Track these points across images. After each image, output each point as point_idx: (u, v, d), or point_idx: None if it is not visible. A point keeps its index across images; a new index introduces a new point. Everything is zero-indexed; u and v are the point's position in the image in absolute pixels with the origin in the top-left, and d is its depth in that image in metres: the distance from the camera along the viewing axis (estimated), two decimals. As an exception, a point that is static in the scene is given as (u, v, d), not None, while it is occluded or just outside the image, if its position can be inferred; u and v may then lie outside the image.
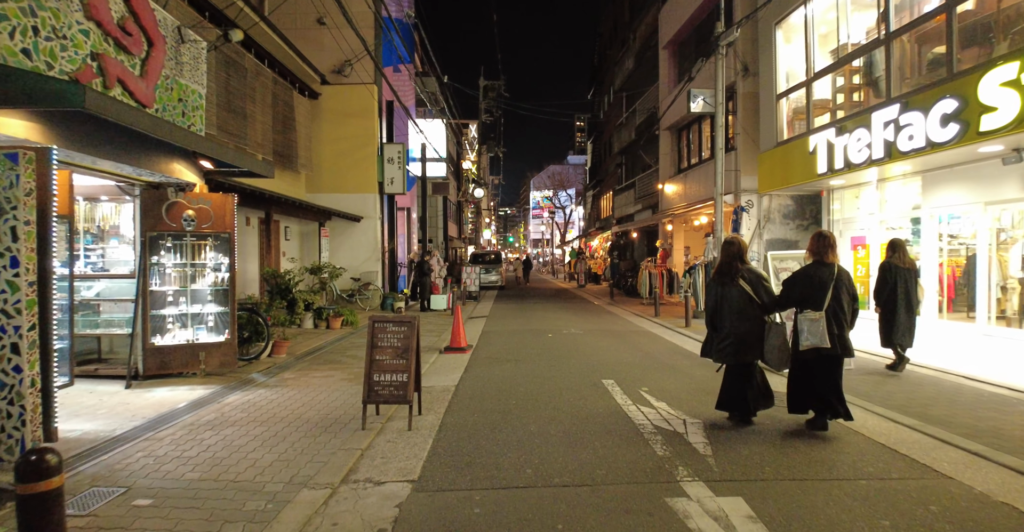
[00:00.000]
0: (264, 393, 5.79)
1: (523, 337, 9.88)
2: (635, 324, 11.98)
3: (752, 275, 4.61)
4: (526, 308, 15.66)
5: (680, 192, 17.66)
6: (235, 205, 6.47)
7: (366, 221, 14.03)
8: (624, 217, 25.44)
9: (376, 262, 14.02)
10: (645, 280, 16.30)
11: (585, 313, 14.23)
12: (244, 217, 11.17)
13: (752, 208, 13.75)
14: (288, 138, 12.60)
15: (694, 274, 12.84)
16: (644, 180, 22.03)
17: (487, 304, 16.90)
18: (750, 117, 13.66)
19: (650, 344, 9.21)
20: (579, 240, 38.70)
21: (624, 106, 26.35)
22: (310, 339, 9.26)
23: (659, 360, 7.69)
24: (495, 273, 24.12)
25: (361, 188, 14.05)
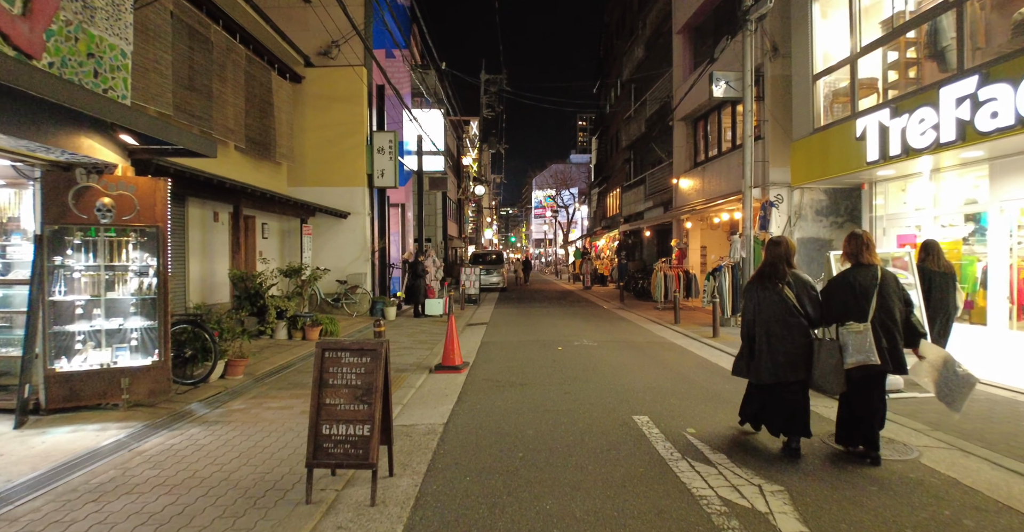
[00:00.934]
0: (196, 434, 4.45)
1: (529, 350, 8.53)
2: (654, 333, 10.62)
3: (798, 281, 4.02)
4: (530, 313, 14.31)
5: (697, 187, 16.29)
6: (168, 192, 5.13)
7: (353, 217, 12.69)
8: (633, 215, 24.08)
9: (365, 263, 12.68)
10: (660, 283, 14.95)
11: (596, 319, 12.88)
12: (212, 211, 9.85)
13: (781, 203, 12.39)
14: (265, 124, 11.27)
15: (719, 277, 11.48)
16: (655, 175, 20.67)
17: (488, 308, 15.55)
18: (780, 103, 12.30)
19: (678, 360, 7.85)
20: (584, 240, 37.33)
21: (633, 98, 24.99)
22: (279, 353, 7.92)
23: (695, 383, 6.33)
24: (497, 274, 22.78)
25: (348, 181, 12.72)
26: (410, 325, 11.49)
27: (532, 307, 16.13)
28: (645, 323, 12.23)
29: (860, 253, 3.94)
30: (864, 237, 3.99)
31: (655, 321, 12.38)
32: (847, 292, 3.87)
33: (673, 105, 17.77)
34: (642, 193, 22.17)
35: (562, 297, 20.29)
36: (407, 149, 17.49)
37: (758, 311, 4.08)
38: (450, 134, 30.65)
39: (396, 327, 11.15)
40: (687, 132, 17.61)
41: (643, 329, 11.22)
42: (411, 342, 9.17)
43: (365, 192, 12.69)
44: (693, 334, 10.32)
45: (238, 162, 10.67)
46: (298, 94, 12.77)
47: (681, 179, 17.52)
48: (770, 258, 4.11)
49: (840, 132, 9.95)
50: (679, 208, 17.14)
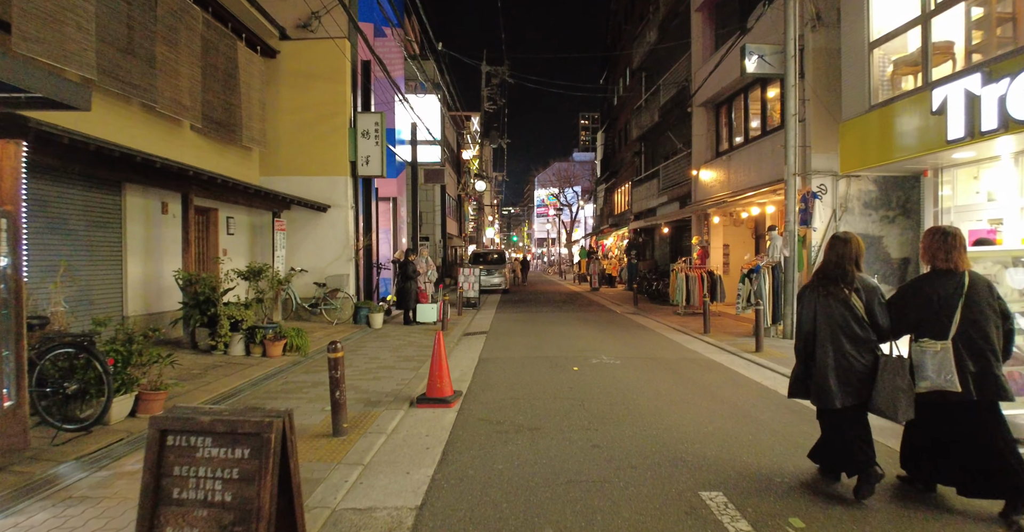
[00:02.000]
0: (37, 527, 2.87)
1: (537, 370, 6.94)
2: (684, 346, 9.01)
3: (866, 286, 3.45)
4: (536, 319, 12.71)
5: (721, 179, 14.68)
6: (21, 161, 3.54)
7: (334, 211, 11.11)
8: (644, 212, 22.47)
9: (347, 263, 11.09)
10: (680, 285, 13.35)
11: (611, 327, 11.27)
12: (159, 202, 8.28)
13: (825, 194, 10.78)
14: (230, 102, 9.69)
15: (758, 279, 9.87)
16: (671, 167, 19.06)
17: (488, 313, 13.96)
18: (823, 80, 10.69)
19: (726, 386, 6.25)
20: (590, 238, 35.73)
21: (644, 86, 23.38)
22: (226, 376, 6.34)
23: (764, 425, 4.74)
24: (498, 275, 21.18)
25: (328, 169, 11.13)
26: (397, 335, 9.90)
27: (537, 312, 14.53)
28: (669, 332, 10.62)
29: (945, 256, 3.26)
30: (954, 235, 3.29)
31: (679, 329, 10.78)
32: (923, 304, 3.28)
33: (692, 90, 16.17)
34: (655, 187, 20.56)
35: (569, 300, 18.68)
36: (400, 138, 15.92)
37: (819, 322, 3.45)
38: (449, 128, 29.06)
39: (380, 338, 9.57)
40: (708, 119, 16.00)
41: (669, 340, 9.61)
42: (394, 359, 7.59)
43: (348, 182, 11.11)
44: (730, 347, 8.72)
45: (195, 145, 9.10)
46: (272, 71, 11.19)
47: (702, 170, 15.90)
48: (835, 258, 3.50)
49: (907, 107, 8.35)
50: (700, 202, 15.53)
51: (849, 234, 3.58)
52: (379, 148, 11.04)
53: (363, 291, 11.42)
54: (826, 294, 3.45)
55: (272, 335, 7.56)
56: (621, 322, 12.24)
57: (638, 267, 22.21)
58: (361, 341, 9.16)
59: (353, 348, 8.46)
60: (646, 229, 23.40)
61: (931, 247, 3.35)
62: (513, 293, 21.72)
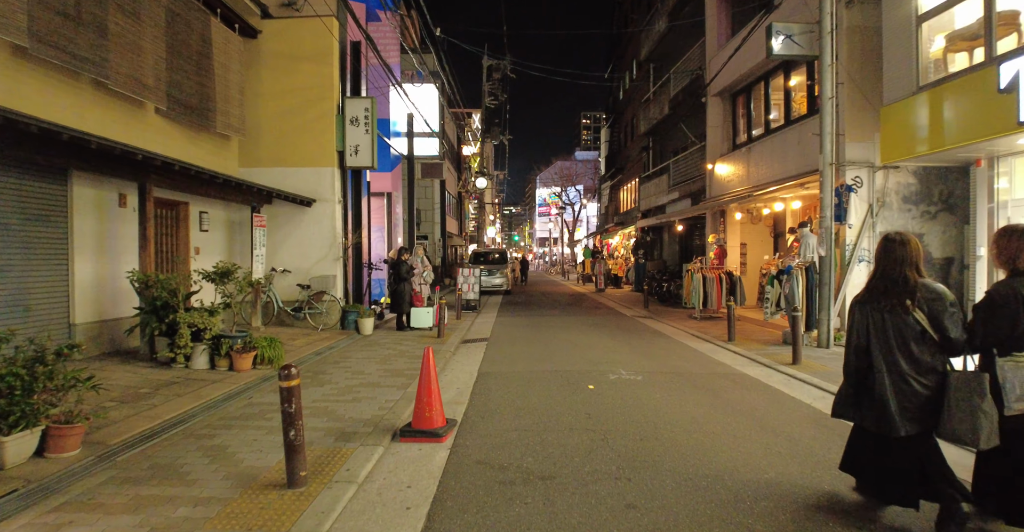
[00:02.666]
0: None
1: (546, 390, 5.94)
2: (709, 357, 8.01)
3: (930, 293, 2.95)
4: (541, 324, 11.71)
5: (739, 173, 13.67)
6: None
7: (320, 206, 10.11)
8: (653, 209, 21.46)
9: (334, 262, 10.10)
10: (697, 287, 12.34)
11: (624, 334, 10.27)
12: (116, 193, 7.31)
13: (860, 188, 9.79)
14: (202, 85, 8.70)
15: (791, 281, 8.86)
16: (682, 162, 18.05)
17: (489, 317, 12.96)
18: (859, 61, 9.69)
19: (773, 410, 5.25)
20: (594, 238, 34.71)
21: (652, 78, 22.39)
22: (177, 397, 5.34)
23: (828, 465, 3.75)
24: (499, 275, 20.18)
25: (313, 160, 10.14)
26: (388, 343, 8.92)
27: (542, 315, 13.52)
28: (688, 339, 9.61)
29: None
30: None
31: (700, 337, 9.77)
32: (1016, 311, 2.84)
33: (706, 79, 15.16)
34: (664, 184, 19.56)
35: (574, 302, 17.68)
36: (395, 130, 14.94)
37: (873, 339, 3.10)
38: (450, 123, 28.07)
39: (368, 346, 8.58)
40: (724, 109, 14.99)
41: (691, 350, 8.60)
42: (380, 374, 6.59)
43: (335, 174, 10.11)
44: (761, 358, 7.72)
45: (161, 130, 8.11)
46: (253, 52, 10.20)
47: (717, 164, 14.90)
48: (890, 263, 3.12)
49: (965, 86, 7.35)
50: (716, 198, 14.53)
51: (905, 235, 3.18)
52: (369, 136, 10.04)
53: (352, 293, 10.43)
54: (881, 308, 3.07)
55: (240, 345, 6.57)
56: (634, 327, 11.23)
57: (646, 267, 21.22)
58: (346, 351, 8.17)
59: (335, 360, 7.47)
60: (654, 228, 22.39)
61: (1009, 247, 2.97)
62: (515, 294, 20.73)
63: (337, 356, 7.72)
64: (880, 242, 3.25)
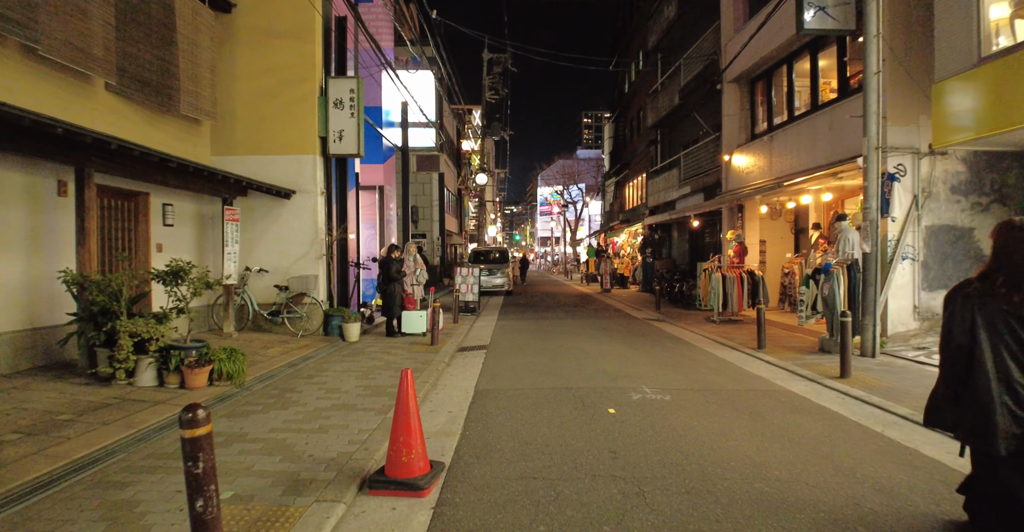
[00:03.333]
0: None
1: (558, 417, 4.91)
2: (741, 368, 6.98)
3: None
4: (546, 328, 10.68)
5: (759, 164, 12.63)
6: None
7: (300, 198, 9.09)
8: (662, 205, 20.43)
9: (316, 261, 9.07)
10: (716, 287, 11.29)
11: (640, 340, 9.25)
12: (54, 180, 6.29)
13: (904, 176, 8.77)
14: (164, 60, 7.69)
15: (831, 281, 7.82)
16: (694, 155, 17.01)
17: (489, 320, 11.93)
18: (903, 35, 8.69)
19: (840, 441, 4.22)
20: (598, 236, 33.67)
21: (660, 69, 21.37)
22: (102, 427, 4.32)
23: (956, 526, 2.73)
24: (500, 275, 19.16)
25: (293, 147, 9.12)
26: (374, 352, 7.90)
27: (546, 318, 12.49)
28: (712, 346, 8.58)
29: None
30: None
31: (725, 343, 8.74)
32: None
33: (722, 64, 14.13)
34: (675, 178, 18.52)
35: (580, 303, 16.64)
36: (388, 120, 13.94)
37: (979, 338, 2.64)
38: (449, 117, 27.06)
39: (350, 356, 7.56)
40: (741, 97, 13.95)
41: (718, 359, 7.57)
42: (359, 392, 5.57)
43: (317, 162, 9.09)
44: (801, 369, 6.70)
45: (114, 110, 7.10)
46: (227, 28, 9.19)
47: (734, 155, 13.86)
48: (1007, 252, 2.68)
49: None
50: (734, 191, 13.48)
51: None
52: (355, 121, 9.01)
53: (337, 295, 9.41)
54: (992, 304, 2.66)
55: (194, 358, 5.55)
56: (649, 332, 10.20)
57: (654, 266, 20.19)
58: (324, 362, 7.15)
59: (310, 373, 6.44)
60: (663, 225, 21.34)
61: None
62: (517, 295, 19.69)
63: (313, 368, 6.70)
64: (997, 228, 2.81)
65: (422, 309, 9.52)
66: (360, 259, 10.55)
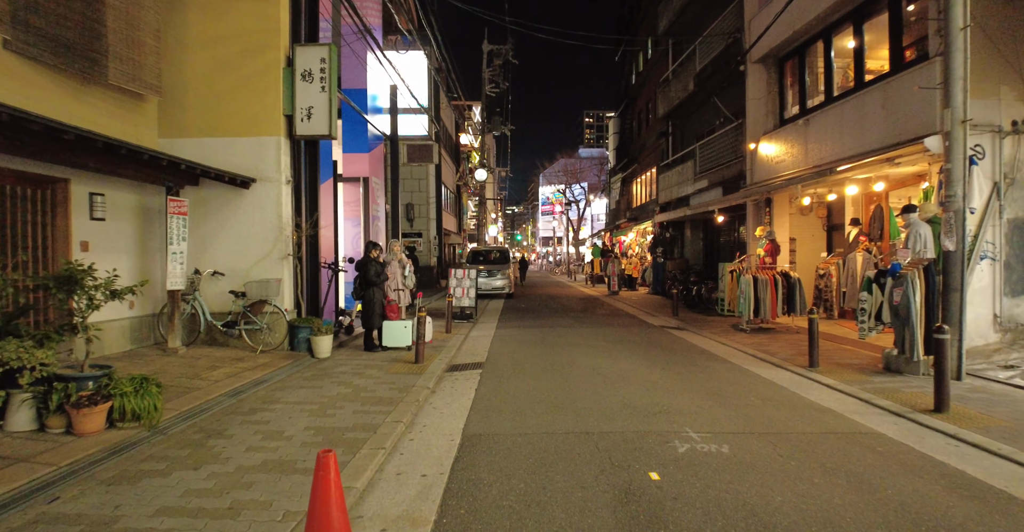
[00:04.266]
0: None
1: (579, 489, 3.49)
2: (800, 396, 5.54)
3: None
4: (553, 340, 9.27)
5: (792, 152, 11.19)
6: None
7: (262, 188, 7.68)
8: (673, 201, 19.00)
9: (280, 262, 7.66)
10: (747, 292, 9.86)
11: (665, 355, 7.83)
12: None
13: (983, 159, 7.35)
14: (86, 16, 6.28)
15: (904, 286, 6.37)
16: (712, 146, 15.58)
17: (487, 328, 10.51)
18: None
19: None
20: (604, 235, 32.23)
21: (671, 56, 19.94)
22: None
23: None
24: (501, 276, 17.74)
25: (254, 127, 7.71)
26: (345, 374, 6.49)
27: (552, 326, 11.07)
28: (751, 363, 7.14)
29: None
30: None
31: (766, 359, 7.32)
32: None
33: (746, 43, 12.70)
34: (689, 171, 17.08)
35: (587, 307, 15.21)
36: (375, 105, 12.54)
37: None
38: (446, 109, 25.66)
39: (315, 379, 6.15)
40: (769, 78, 12.52)
41: (765, 382, 6.14)
42: (306, 438, 4.15)
43: (281, 145, 7.67)
44: (879, 399, 5.28)
45: (14, 74, 5.70)
46: (176, -12, 7.78)
47: (761, 144, 12.43)
48: None
49: None
50: (762, 184, 12.05)
51: None
52: (326, 96, 7.60)
53: (307, 302, 7.99)
54: None
55: (88, 393, 4.14)
56: (672, 344, 8.77)
57: (666, 267, 18.77)
58: (277, 389, 5.74)
59: (254, 406, 5.04)
60: (675, 222, 19.92)
61: None
62: (518, 298, 18.27)
63: (260, 399, 5.29)
64: None
65: (408, 317, 8.10)
66: (338, 260, 9.12)
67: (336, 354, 7.61)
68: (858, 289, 7.46)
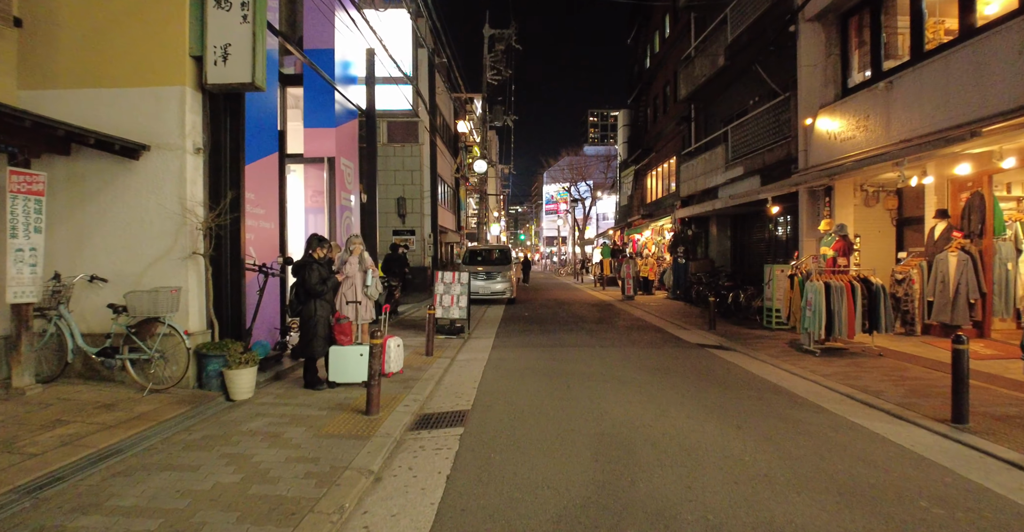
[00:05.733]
0: None
1: None
2: (1007, 497, 3.27)
3: None
4: (568, 370, 7.03)
5: (868, 125, 8.90)
6: None
7: (159, 158, 5.45)
8: (698, 194, 16.73)
9: (183, 263, 5.43)
10: (817, 302, 7.59)
11: (726, 394, 5.58)
12: None
13: None
14: None
15: None
16: (748, 127, 13.29)
17: (480, 350, 8.28)
18: None
19: None
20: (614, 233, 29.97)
21: (694, 31, 17.68)
22: None
23: None
24: (501, 279, 15.50)
25: (147, 74, 5.49)
26: (258, 431, 4.30)
27: (563, 344, 8.82)
28: (860, 413, 4.87)
29: None
30: None
31: (873, 405, 5.05)
32: None
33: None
34: (720, 158, 14.80)
35: (602, 315, 12.95)
36: (350, 74, 10.34)
37: None
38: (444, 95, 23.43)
39: (200, 449, 3.94)
40: (829, 39, 10.24)
41: (910, 457, 3.87)
42: None
43: (187, 98, 5.44)
44: None
45: None
46: None
47: (820, 118, 10.15)
48: None
49: None
50: (823, 167, 9.77)
51: None
52: (249, 29, 5.37)
53: (230, 318, 5.76)
54: None
55: None
56: (729, 375, 6.51)
57: (688, 268, 16.51)
58: (126, 469, 3.53)
59: (55, 517, 2.81)
60: (698, 218, 17.66)
61: None
62: (521, 304, 16.02)
63: (85, 493, 3.08)
64: None
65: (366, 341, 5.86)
66: (284, 259, 6.87)
67: (264, 392, 5.39)
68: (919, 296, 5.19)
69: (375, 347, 4.63)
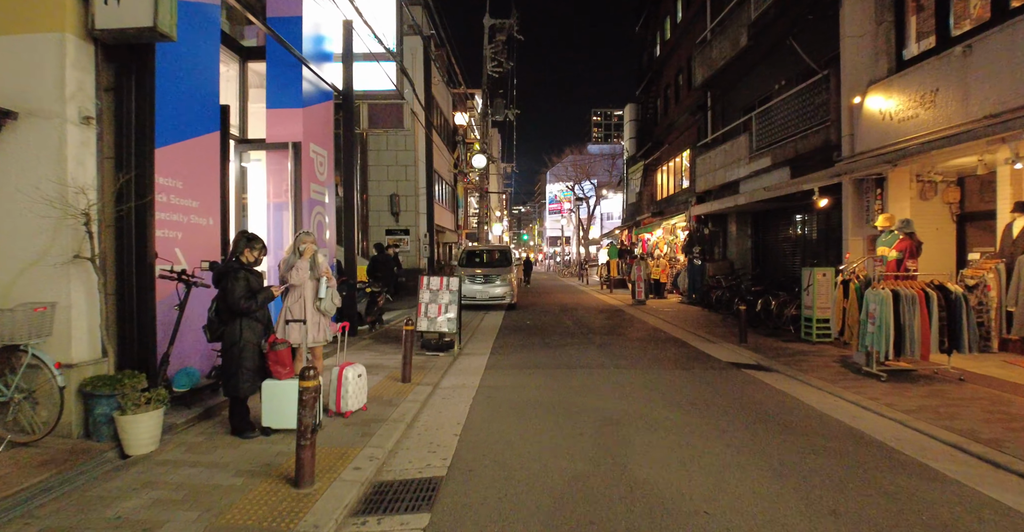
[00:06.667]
0: None
1: None
2: None
3: None
4: (577, 405, 5.64)
5: (937, 101, 7.45)
6: None
7: (29, 129, 4.08)
8: (717, 188, 15.31)
9: (63, 269, 4.07)
10: (884, 314, 6.16)
11: (787, 442, 4.18)
12: None
13: None
14: None
15: None
16: (777, 112, 11.85)
17: (470, 373, 6.88)
18: None
19: None
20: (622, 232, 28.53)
21: (709, 12, 16.24)
22: None
23: None
24: (500, 282, 14.11)
25: (15, 18, 4.11)
26: (119, 519, 2.86)
27: (572, 365, 7.41)
28: (986, 480, 3.44)
29: None
30: None
31: (997, 463, 3.62)
32: None
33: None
34: (743, 149, 13.36)
35: (615, 325, 11.54)
36: (325, 50, 9.00)
37: None
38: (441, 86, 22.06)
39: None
40: (879, 3, 8.81)
41: None
42: None
43: (68, 49, 4.07)
44: None
45: None
46: None
47: (870, 97, 8.72)
48: None
49: None
50: (875, 152, 8.34)
51: None
52: (152, -46, 4.00)
53: (137, 342, 4.38)
54: None
55: None
56: (782, 410, 5.09)
57: (705, 270, 15.11)
58: None
59: None
60: (714, 216, 16.24)
61: None
62: (522, 309, 14.61)
63: None
64: None
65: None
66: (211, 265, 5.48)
67: (176, 442, 4.01)
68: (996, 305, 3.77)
69: (307, 391, 3.24)
